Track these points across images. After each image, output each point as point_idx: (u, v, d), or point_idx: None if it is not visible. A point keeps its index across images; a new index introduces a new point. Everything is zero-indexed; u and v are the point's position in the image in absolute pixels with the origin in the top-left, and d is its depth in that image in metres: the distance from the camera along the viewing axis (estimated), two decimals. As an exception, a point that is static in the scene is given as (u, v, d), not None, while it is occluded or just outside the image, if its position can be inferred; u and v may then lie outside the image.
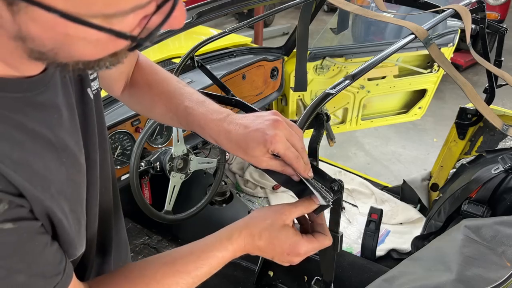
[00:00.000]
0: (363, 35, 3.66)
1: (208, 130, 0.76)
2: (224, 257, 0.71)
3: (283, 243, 0.73)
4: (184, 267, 0.68)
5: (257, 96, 2.36)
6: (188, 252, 0.71)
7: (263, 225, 0.73)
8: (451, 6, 1.31)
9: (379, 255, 2.11)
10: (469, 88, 1.20)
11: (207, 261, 0.69)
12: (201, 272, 0.69)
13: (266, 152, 0.72)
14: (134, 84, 0.85)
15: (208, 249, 0.71)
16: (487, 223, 1.23)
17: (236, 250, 0.72)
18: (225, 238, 0.72)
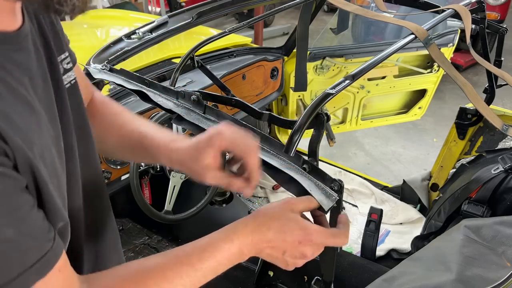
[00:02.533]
0: (363, 35, 3.66)
1: (163, 151, 0.78)
2: (230, 250, 0.67)
3: (293, 229, 0.69)
4: (187, 259, 0.65)
5: (257, 96, 2.36)
6: (192, 246, 0.68)
7: (271, 215, 0.70)
8: (451, 6, 1.32)
9: (379, 255, 2.11)
10: (469, 88, 1.20)
11: (212, 253, 0.66)
12: (206, 266, 0.65)
13: (215, 157, 0.74)
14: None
15: (212, 242, 0.68)
16: (487, 223, 1.23)
17: (243, 244, 0.68)
18: (230, 231, 0.69)
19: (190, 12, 1.70)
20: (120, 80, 1.18)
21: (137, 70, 1.92)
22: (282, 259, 0.71)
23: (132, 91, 1.12)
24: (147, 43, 1.62)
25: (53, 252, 0.53)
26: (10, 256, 0.50)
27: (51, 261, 0.53)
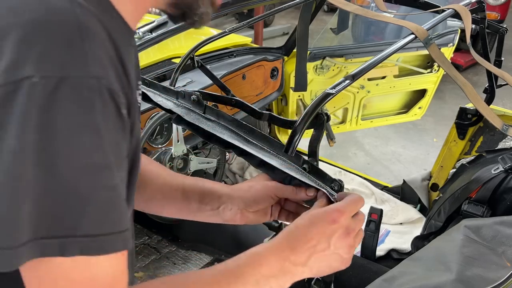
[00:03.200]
0: (363, 35, 3.66)
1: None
2: (270, 263, 0.63)
3: (318, 216, 0.67)
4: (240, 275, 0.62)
5: (257, 96, 2.36)
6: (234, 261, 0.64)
7: (291, 228, 0.68)
8: (451, 6, 1.31)
9: (379, 255, 2.11)
10: (469, 88, 1.20)
11: (254, 269, 0.63)
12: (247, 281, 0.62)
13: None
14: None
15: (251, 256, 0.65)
16: (487, 223, 1.23)
17: (280, 254, 0.64)
18: (263, 245, 0.67)
19: (190, 12, 1.70)
20: (120, 80, 1.18)
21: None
22: (333, 253, 0.68)
23: (132, 91, 1.12)
24: (147, 43, 1.62)
25: (109, 242, 0.49)
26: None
27: (128, 241, 0.51)
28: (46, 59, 0.45)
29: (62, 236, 0.46)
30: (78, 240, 0.46)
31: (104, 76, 0.48)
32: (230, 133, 0.91)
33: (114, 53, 0.51)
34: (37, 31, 0.46)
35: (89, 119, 0.46)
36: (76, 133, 0.46)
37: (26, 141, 0.44)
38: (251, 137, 0.89)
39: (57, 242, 0.45)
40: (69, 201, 0.46)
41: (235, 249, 0.69)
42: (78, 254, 0.46)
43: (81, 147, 0.46)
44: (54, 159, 0.45)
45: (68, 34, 0.46)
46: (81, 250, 0.47)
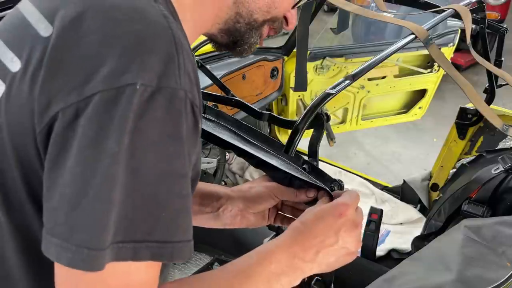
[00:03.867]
0: (363, 35, 3.67)
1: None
2: (279, 259, 0.64)
3: (324, 211, 0.68)
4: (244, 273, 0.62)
5: (257, 96, 2.36)
6: (245, 259, 0.65)
7: (298, 223, 0.69)
8: (451, 6, 1.31)
9: (379, 255, 2.11)
10: (469, 88, 1.20)
11: (267, 264, 0.63)
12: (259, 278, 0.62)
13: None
14: None
15: (262, 251, 0.66)
16: (487, 223, 1.23)
17: (288, 249, 0.65)
18: (272, 242, 0.67)
19: (190, 12, 1.70)
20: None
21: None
22: (341, 248, 0.68)
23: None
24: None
25: (178, 251, 0.50)
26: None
27: (191, 251, 0.51)
28: (147, 69, 0.48)
29: (137, 240, 0.47)
30: (150, 245, 0.48)
31: (190, 90, 0.51)
32: (230, 133, 0.90)
33: (194, 69, 0.54)
34: (140, 43, 0.49)
35: (176, 129, 0.49)
36: (163, 140, 0.48)
37: (122, 144, 0.46)
38: (251, 137, 0.89)
39: (132, 246, 0.47)
40: (148, 206, 0.48)
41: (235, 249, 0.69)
42: (148, 259, 0.48)
43: (165, 154, 0.49)
44: (140, 164, 0.47)
45: (166, 48, 0.49)
46: (151, 255, 0.48)
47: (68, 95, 0.47)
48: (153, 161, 0.48)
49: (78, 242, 0.45)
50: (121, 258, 0.47)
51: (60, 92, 0.48)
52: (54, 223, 0.47)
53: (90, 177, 0.46)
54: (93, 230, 0.45)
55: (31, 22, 0.54)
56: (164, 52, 0.49)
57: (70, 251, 0.45)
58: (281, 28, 0.76)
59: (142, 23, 0.50)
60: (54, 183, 0.47)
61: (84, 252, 0.45)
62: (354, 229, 0.69)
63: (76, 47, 0.49)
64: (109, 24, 0.50)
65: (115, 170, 0.46)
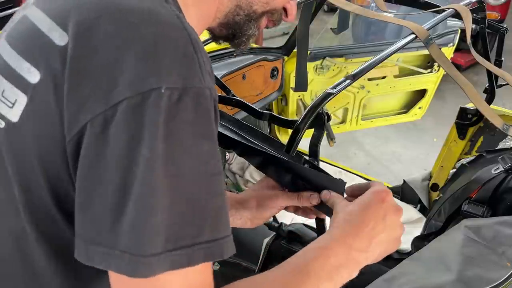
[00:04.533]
0: (363, 35, 3.67)
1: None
2: (336, 252, 0.63)
3: (368, 200, 0.69)
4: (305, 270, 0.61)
5: (257, 96, 2.36)
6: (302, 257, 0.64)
7: (347, 212, 0.69)
8: (452, 6, 1.31)
9: (379, 255, 2.11)
10: (470, 88, 1.20)
11: (326, 259, 0.63)
12: (322, 275, 0.61)
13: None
14: None
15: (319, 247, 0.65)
16: (487, 223, 1.23)
17: (342, 241, 0.65)
18: (323, 237, 0.67)
19: (190, 12, 1.70)
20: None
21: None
22: (389, 234, 0.68)
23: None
24: (147, 43, 1.62)
25: (226, 246, 0.51)
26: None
27: (226, 249, 0.51)
28: (170, 71, 0.47)
29: (188, 245, 0.47)
30: (202, 246, 0.48)
31: (212, 87, 0.51)
32: (230, 133, 0.91)
33: (211, 66, 0.55)
34: (158, 45, 0.48)
35: (206, 128, 0.49)
36: (196, 141, 0.48)
37: (156, 150, 0.46)
38: (252, 137, 0.89)
39: (185, 252, 0.47)
40: (192, 209, 0.48)
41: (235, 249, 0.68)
42: (202, 261, 0.48)
43: (200, 155, 0.49)
44: (177, 168, 0.47)
45: (185, 48, 0.50)
46: (204, 256, 0.48)
47: (95, 105, 0.47)
48: (190, 164, 0.48)
49: (122, 248, 0.46)
50: (176, 266, 0.47)
51: (87, 102, 0.48)
52: (96, 233, 0.47)
53: (128, 186, 0.46)
54: (137, 237, 0.45)
55: (43, 31, 0.53)
56: (184, 53, 0.49)
57: (116, 257, 0.46)
58: (280, 20, 0.75)
59: (158, 26, 0.50)
60: (90, 194, 0.47)
61: (126, 257, 0.45)
62: (398, 213, 0.70)
63: (95, 54, 0.49)
64: (125, 29, 0.50)
65: (152, 176, 0.46)
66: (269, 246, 1.92)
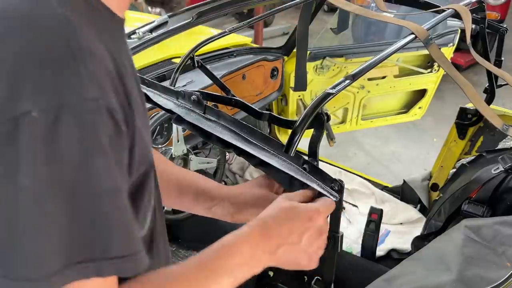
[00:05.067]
0: (363, 35, 3.66)
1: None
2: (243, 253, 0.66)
3: (298, 212, 0.70)
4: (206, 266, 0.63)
5: (257, 96, 2.36)
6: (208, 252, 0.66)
7: (270, 214, 0.70)
8: (451, 6, 1.31)
9: (379, 255, 2.11)
10: (469, 88, 1.20)
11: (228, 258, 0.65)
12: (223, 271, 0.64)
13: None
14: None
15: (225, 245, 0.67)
16: (487, 223, 1.23)
17: (253, 245, 0.67)
18: (238, 234, 0.69)
19: (190, 12, 1.70)
20: (120, 80, 1.18)
21: (137, 70, 1.91)
22: (302, 250, 0.70)
23: (132, 91, 1.12)
24: (147, 43, 1.62)
25: (138, 262, 0.50)
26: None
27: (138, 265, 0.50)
28: (41, 91, 0.43)
29: (96, 259, 0.46)
30: (112, 262, 0.47)
31: (101, 96, 0.46)
32: (230, 133, 0.90)
33: (110, 63, 0.50)
34: (27, 61, 0.43)
35: (94, 143, 0.46)
36: (85, 158, 0.45)
37: (39, 176, 0.43)
38: (251, 137, 0.89)
39: (94, 265, 0.46)
40: (94, 226, 0.46)
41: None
42: (113, 274, 0.48)
43: (92, 172, 0.46)
44: (70, 188, 0.45)
45: (60, 58, 0.44)
46: (116, 270, 0.48)
47: None
48: (83, 182, 0.45)
49: (17, 277, 0.44)
50: (86, 275, 0.46)
51: None
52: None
53: (13, 216, 0.44)
54: (31, 263, 0.44)
55: None
56: (58, 65, 0.44)
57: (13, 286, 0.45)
58: None
59: (27, 35, 0.44)
60: None
61: (26, 285, 0.44)
62: (318, 237, 0.71)
63: None
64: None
65: (39, 204, 0.44)
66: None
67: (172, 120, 1.00)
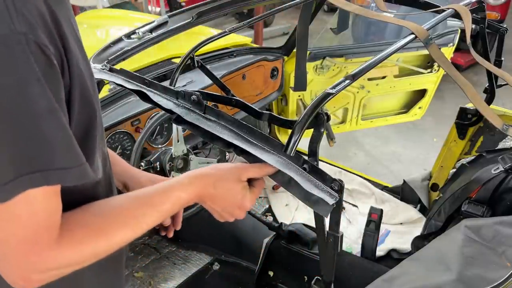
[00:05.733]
0: (363, 35, 3.66)
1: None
2: (182, 198, 0.76)
3: (236, 195, 0.81)
4: (150, 201, 0.73)
5: (257, 96, 2.36)
6: (153, 190, 0.76)
7: (219, 177, 0.81)
8: (451, 6, 1.31)
9: (379, 255, 2.11)
10: (469, 88, 1.20)
11: (168, 199, 0.75)
12: (163, 208, 0.74)
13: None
14: None
15: (170, 189, 0.76)
16: (487, 223, 1.23)
17: (192, 195, 0.78)
18: (186, 181, 0.78)
19: (190, 12, 1.70)
20: (120, 80, 1.18)
21: (137, 70, 1.91)
22: (219, 213, 0.83)
23: (132, 91, 1.12)
24: (147, 43, 1.62)
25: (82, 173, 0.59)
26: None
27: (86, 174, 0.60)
28: None
29: (43, 170, 0.55)
30: (56, 172, 0.56)
31: (30, 32, 0.53)
32: (230, 133, 0.90)
33: (43, 6, 0.55)
34: None
35: (28, 71, 0.52)
36: (20, 85, 0.52)
37: None
38: (251, 137, 0.89)
39: (41, 175, 0.55)
40: (37, 142, 0.54)
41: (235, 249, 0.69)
42: (59, 182, 0.57)
43: (28, 96, 0.53)
44: (10, 111, 0.52)
45: None
46: (61, 179, 0.57)
47: None
48: (19, 107, 0.52)
49: None
50: (35, 185, 0.55)
51: None
52: None
53: None
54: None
55: None
56: None
57: None
58: None
59: None
60: None
61: None
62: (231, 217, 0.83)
63: None
64: None
65: None
66: (269, 246, 1.92)
67: (172, 120, 1.00)
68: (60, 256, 0.61)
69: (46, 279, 0.62)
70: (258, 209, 2.55)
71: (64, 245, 0.61)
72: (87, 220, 0.66)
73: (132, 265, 2.17)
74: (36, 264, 0.59)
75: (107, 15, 3.17)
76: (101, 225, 0.66)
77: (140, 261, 2.19)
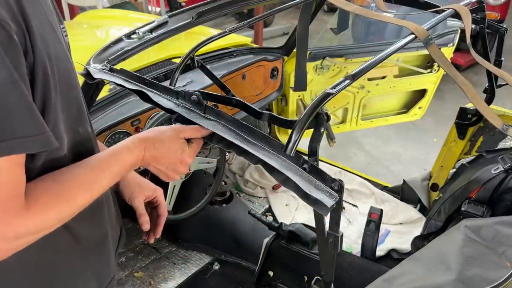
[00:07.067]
0: (363, 35, 3.66)
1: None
2: (130, 160, 0.82)
3: (176, 151, 0.88)
4: (99, 167, 0.78)
5: (257, 96, 2.36)
6: (101, 155, 0.81)
7: (160, 138, 0.87)
8: (451, 6, 1.31)
9: (379, 255, 2.11)
10: (469, 88, 1.20)
11: (117, 162, 0.80)
12: (112, 170, 0.79)
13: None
14: None
15: (117, 152, 0.82)
16: (487, 223, 1.23)
17: (138, 157, 0.84)
18: (131, 144, 0.84)
19: (190, 12, 1.70)
20: (120, 80, 1.18)
21: (137, 70, 1.91)
22: (165, 173, 0.91)
23: (132, 91, 1.12)
24: (147, 43, 1.62)
25: (45, 141, 0.62)
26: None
27: (50, 142, 0.63)
28: None
29: (6, 139, 0.57)
30: (20, 141, 0.58)
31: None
32: (230, 133, 0.91)
33: None
34: None
35: None
36: None
37: None
38: (251, 137, 0.89)
39: (4, 144, 0.57)
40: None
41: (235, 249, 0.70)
42: (23, 151, 0.60)
43: None
44: None
45: None
46: (24, 148, 0.60)
47: None
48: None
49: None
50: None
51: None
52: None
53: None
54: None
55: None
56: None
57: None
58: None
59: None
60: None
61: None
62: (176, 174, 0.92)
63: None
64: None
65: None
66: (269, 246, 1.92)
67: (172, 120, 1.00)
68: (28, 223, 0.64)
69: (16, 247, 0.64)
70: (258, 209, 2.55)
71: (31, 212, 0.64)
72: (49, 187, 0.69)
73: (132, 265, 2.17)
74: (5, 233, 0.61)
75: (107, 15, 3.17)
76: (61, 191, 0.70)
77: (140, 261, 2.20)
